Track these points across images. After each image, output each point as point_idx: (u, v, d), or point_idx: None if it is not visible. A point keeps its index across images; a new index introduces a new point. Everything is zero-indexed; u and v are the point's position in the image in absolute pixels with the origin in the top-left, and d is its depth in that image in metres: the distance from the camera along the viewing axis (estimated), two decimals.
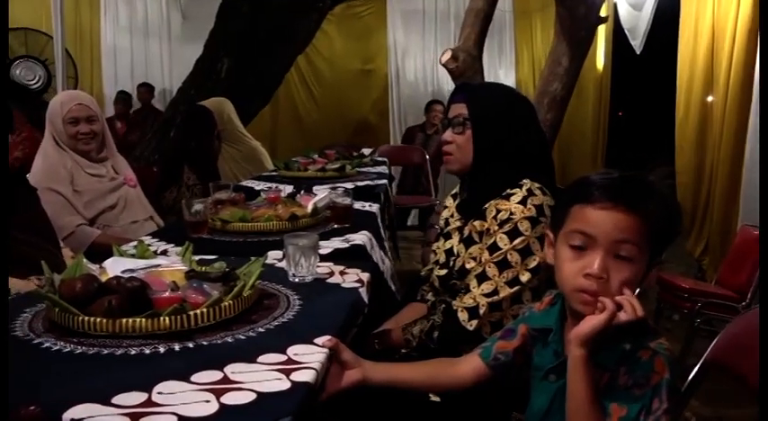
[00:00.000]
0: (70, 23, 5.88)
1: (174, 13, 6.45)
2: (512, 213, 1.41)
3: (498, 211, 1.43)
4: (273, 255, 1.70)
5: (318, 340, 1.07)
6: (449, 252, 1.56)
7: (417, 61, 6.71)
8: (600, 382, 0.94)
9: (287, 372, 0.95)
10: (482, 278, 1.41)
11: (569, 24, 1.96)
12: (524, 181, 1.45)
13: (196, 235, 1.91)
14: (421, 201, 4.83)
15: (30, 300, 1.27)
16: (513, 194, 1.44)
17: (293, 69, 5.68)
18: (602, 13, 2.25)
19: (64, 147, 2.40)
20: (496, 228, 1.42)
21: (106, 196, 2.42)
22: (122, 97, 5.86)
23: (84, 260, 1.30)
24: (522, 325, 1.13)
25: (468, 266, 1.46)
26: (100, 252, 2.12)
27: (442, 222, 1.68)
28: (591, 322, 0.92)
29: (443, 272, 1.53)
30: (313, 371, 0.96)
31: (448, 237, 1.59)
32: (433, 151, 4.83)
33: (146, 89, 6.11)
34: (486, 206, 1.46)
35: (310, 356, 1.02)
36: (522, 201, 1.41)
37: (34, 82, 6.18)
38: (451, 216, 1.63)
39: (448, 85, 6.72)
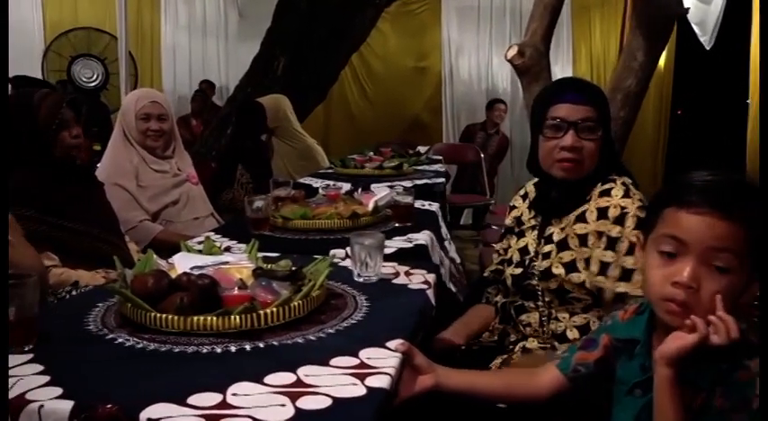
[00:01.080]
0: (132, 23, 6.03)
1: (231, 11, 6.55)
2: (624, 208, 1.31)
3: (603, 210, 1.34)
4: (336, 254, 1.68)
5: (391, 344, 1.04)
6: (523, 251, 1.48)
7: (471, 59, 6.61)
8: (693, 403, 0.87)
9: (361, 377, 0.92)
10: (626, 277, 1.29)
11: (646, 17, 1.86)
12: (612, 176, 1.39)
13: (258, 231, 1.91)
14: (475, 200, 4.76)
15: (102, 294, 1.28)
16: (609, 190, 1.36)
17: (346, 67, 5.68)
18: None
19: (132, 142, 2.44)
20: (615, 227, 1.31)
21: (169, 192, 2.45)
22: (200, 96, 5.98)
23: (155, 256, 1.30)
24: (605, 335, 1.07)
25: (555, 271, 1.37)
26: (161, 248, 2.15)
27: (509, 221, 1.60)
28: (678, 342, 0.85)
29: (518, 271, 1.46)
30: (388, 377, 0.92)
31: (521, 235, 1.51)
32: (493, 150, 4.75)
33: (207, 85, 6.24)
34: (585, 208, 1.37)
35: (384, 361, 0.98)
36: (626, 195, 1.34)
37: (92, 80, 6.38)
38: (521, 215, 1.55)
39: (503, 82, 6.61)
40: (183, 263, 1.29)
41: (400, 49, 6.73)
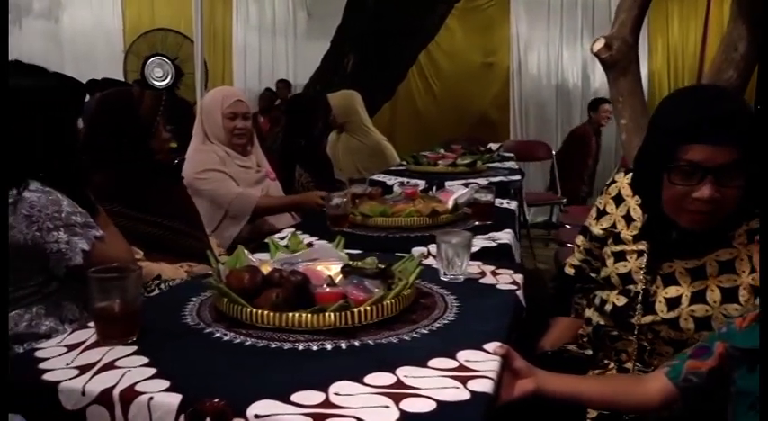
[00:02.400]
0: (205, 24, 6.21)
1: (299, 11, 6.64)
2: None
3: (751, 234, 1.15)
4: (416, 252, 1.66)
5: (488, 346, 1.01)
6: (626, 278, 1.26)
7: (541, 53, 6.45)
8: None
9: (462, 380, 0.89)
10: None
11: (748, 4, 1.75)
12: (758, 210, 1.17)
13: (337, 228, 1.91)
14: (546, 198, 4.64)
15: (195, 288, 1.30)
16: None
17: (413, 64, 5.65)
18: None
19: (213, 141, 2.48)
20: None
21: (253, 186, 2.49)
22: (267, 94, 6.12)
23: (246, 252, 1.32)
24: (720, 343, 1.00)
25: (684, 325, 1.16)
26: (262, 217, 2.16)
27: (598, 230, 1.35)
28: None
29: (622, 301, 1.25)
30: (490, 382, 0.89)
31: (621, 257, 1.29)
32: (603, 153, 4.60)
33: (283, 85, 6.35)
34: (733, 255, 1.16)
35: (483, 364, 0.95)
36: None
37: (162, 79, 6.60)
38: (618, 228, 1.32)
39: (573, 77, 6.42)
40: (275, 260, 1.30)
41: (467, 45, 6.63)
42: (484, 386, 0.88)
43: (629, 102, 2.04)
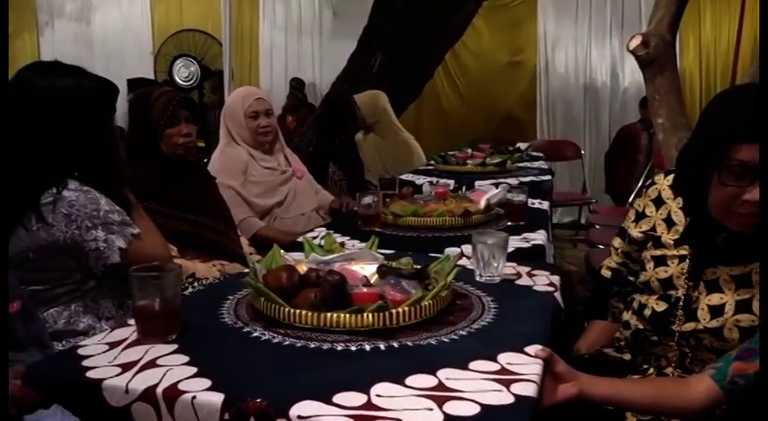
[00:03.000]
0: (233, 24, 6.28)
1: (325, 11, 6.65)
2: None
3: None
4: (450, 252, 1.64)
5: (529, 349, 0.99)
6: (666, 283, 1.23)
7: (569, 52, 6.36)
8: None
9: (505, 384, 0.88)
10: None
11: None
12: None
13: (368, 228, 1.91)
14: (575, 198, 4.58)
15: (231, 287, 1.30)
16: None
17: None
18: None
19: (239, 142, 2.49)
20: None
21: (277, 189, 2.49)
22: (294, 92, 6.14)
23: (282, 251, 1.32)
24: None
25: (728, 335, 1.13)
26: (263, 245, 2.19)
27: (637, 233, 1.31)
28: None
29: (662, 307, 1.22)
30: (534, 385, 0.88)
31: (661, 262, 1.25)
32: (655, 152, 4.53)
33: (297, 83, 6.37)
34: None
35: (525, 367, 0.94)
36: None
37: (188, 79, 6.66)
38: (658, 231, 1.28)
39: (602, 76, 6.33)
40: (310, 260, 1.30)
41: (494, 43, 6.58)
42: (528, 390, 0.86)
43: (666, 100, 2.00)
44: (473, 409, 0.81)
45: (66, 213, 1.29)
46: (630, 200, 4.15)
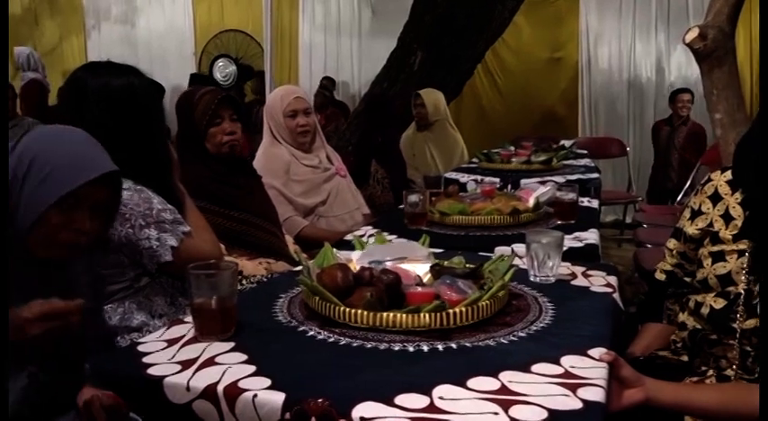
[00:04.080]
0: (273, 24, 6.33)
1: (364, 9, 6.65)
2: None
3: None
4: (500, 251, 1.62)
5: (593, 352, 0.96)
6: (725, 280, 1.18)
7: (612, 47, 6.22)
8: None
9: (571, 388, 0.85)
10: None
11: None
12: None
13: (415, 226, 1.89)
14: (620, 196, 4.47)
15: (282, 285, 1.30)
16: None
17: None
18: None
19: (281, 141, 2.50)
20: None
21: (320, 187, 2.49)
22: (322, 91, 6.16)
23: (334, 249, 1.31)
24: None
25: None
26: (307, 243, 2.20)
27: (693, 230, 1.28)
28: None
29: (720, 304, 1.17)
30: (602, 391, 0.85)
31: (720, 258, 1.21)
32: (680, 142, 4.44)
33: (327, 82, 6.40)
34: None
35: (590, 371, 0.90)
36: None
37: (226, 79, 6.74)
38: (715, 227, 1.24)
39: (646, 71, 6.17)
40: (360, 257, 1.29)
41: (534, 40, 6.48)
42: (596, 395, 0.83)
43: (725, 95, 1.92)
44: (540, 414, 0.78)
45: (120, 212, 1.30)
46: (679, 198, 4.03)
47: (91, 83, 1.37)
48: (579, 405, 0.80)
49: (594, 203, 2.22)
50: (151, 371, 0.90)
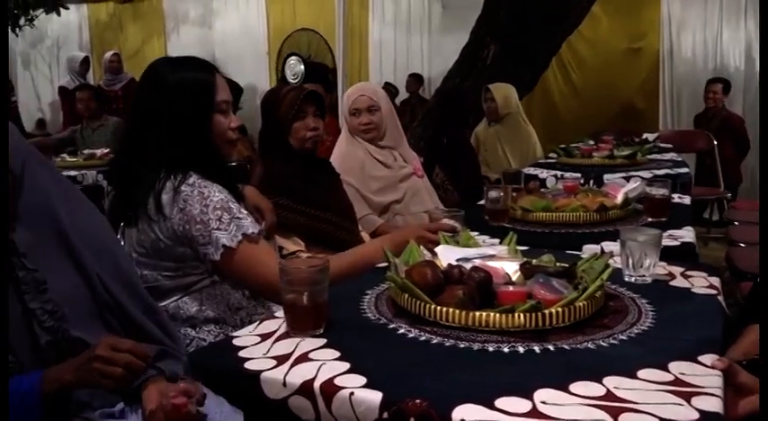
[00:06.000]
0: (344, 22, 6.40)
1: (434, 5, 6.60)
2: None
3: None
4: (589, 250, 1.55)
5: (703, 359, 0.90)
6: None
7: (696, 35, 5.90)
8: None
9: (685, 397, 0.79)
10: None
11: None
12: None
13: (496, 223, 1.85)
14: (708, 192, 4.23)
15: (368, 281, 1.29)
16: None
17: None
18: None
19: (355, 137, 2.50)
20: None
21: (396, 186, 2.47)
22: (388, 88, 6.18)
23: (421, 247, 1.29)
24: None
25: None
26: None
27: None
28: None
29: None
30: (719, 400, 0.79)
31: None
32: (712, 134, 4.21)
33: (413, 79, 6.39)
34: None
35: (703, 379, 0.85)
36: None
37: (294, 78, 6.84)
38: None
39: (735, 60, 5.83)
40: (446, 254, 1.27)
41: (612, 30, 6.23)
42: (712, 405, 0.78)
43: None
44: None
45: (180, 207, 1.30)
46: None
47: (168, 75, 1.38)
48: (695, 415, 0.75)
49: (686, 200, 2.11)
50: (248, 365, 0.91)
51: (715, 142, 4.28)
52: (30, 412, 0.86)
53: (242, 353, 0.95)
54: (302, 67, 7.13)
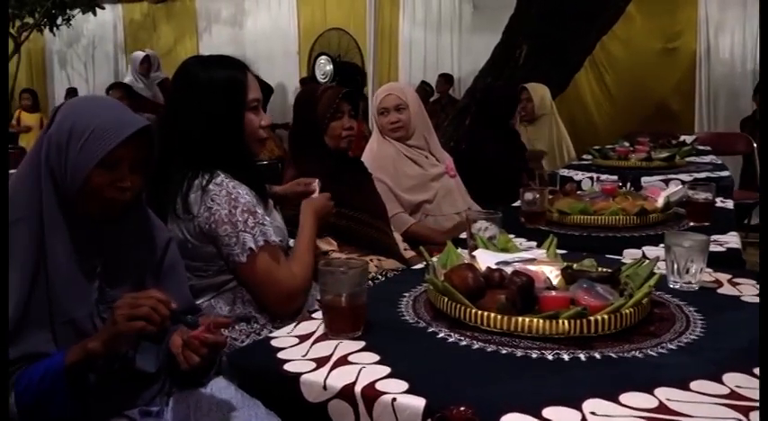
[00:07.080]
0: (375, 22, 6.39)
1: (465, 4, 6.56)
2: None
3: None
4: (630, 255, 1.51)
5: (759, 371, 0.86)
6: None
7: (735, 35, 5.76)
8: None
9: (742, 411, 0.76)
10: None
11: None
12: None
13: (532, 225, 1.81)
14: (748, 196, 4.11)
15: (403, 283, 1.28)
16: None
17: None
18: None
19: (385, 136, 2.49)
20: None
21: (427, 185, 2.44)
22: (423, 87, 6.14)
23: (459, 249, 1.27)
24: None
25: None
26: (414, 241, 2.16)
27: None
28: None
29: None
30: None
31: None
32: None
33: (443, 79, 6.35)
34: None
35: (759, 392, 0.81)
36: None
37: (324, 77, 6.84)
38: None
39: None
40: (485, 258, 1.24)
41: (647, 30, 6.11)
42: None
43: None
44: None
45: (208, 206, 1.29)
46: None
47: (200, 73, 1.37)
48: None
49: (729, 204, 2.05)
50: (287, 367, 0.90)
51: (755, 145, 4.15)
52: (54, 383, 0.86)
53: (281, 355, 0.94)
54: (331, 66, 7.16)
